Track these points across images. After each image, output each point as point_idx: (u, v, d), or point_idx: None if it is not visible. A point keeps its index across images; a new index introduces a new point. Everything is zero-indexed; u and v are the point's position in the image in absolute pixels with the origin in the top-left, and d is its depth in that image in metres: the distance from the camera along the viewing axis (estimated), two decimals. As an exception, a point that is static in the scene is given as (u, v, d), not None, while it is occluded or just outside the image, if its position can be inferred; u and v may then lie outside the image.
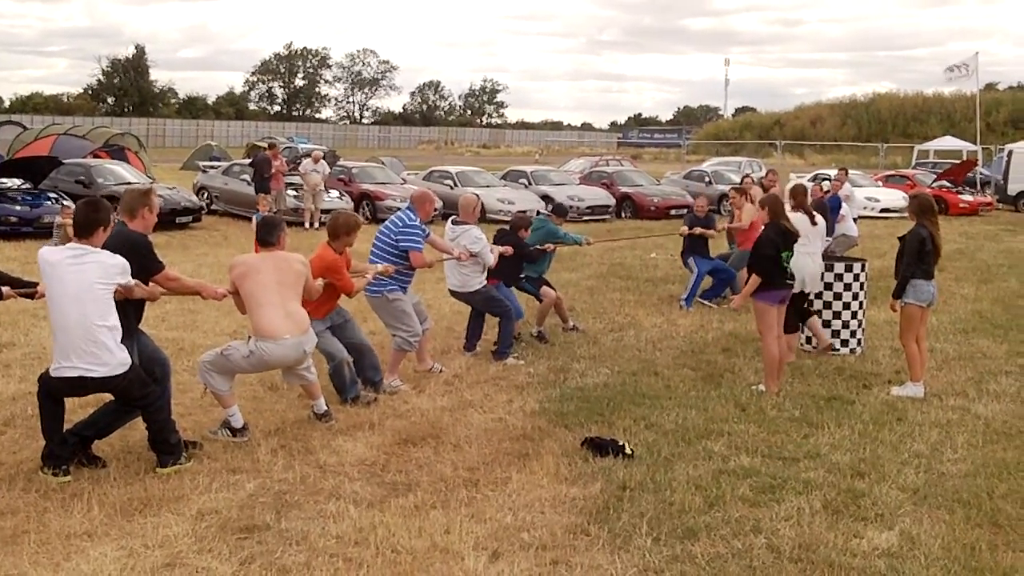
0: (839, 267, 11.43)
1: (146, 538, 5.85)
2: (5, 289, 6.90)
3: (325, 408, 8.31)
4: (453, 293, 10.80)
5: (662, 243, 20.80)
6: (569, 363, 10.53)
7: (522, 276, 11.75)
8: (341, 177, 27.54)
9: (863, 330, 11.47)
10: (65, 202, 20.70)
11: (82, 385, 6.72)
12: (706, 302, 14.25)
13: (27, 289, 6.95)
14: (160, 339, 10.67)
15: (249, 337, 7.86)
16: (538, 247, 11.74)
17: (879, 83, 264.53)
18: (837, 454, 7.63)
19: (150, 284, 7.16)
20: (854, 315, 11.29)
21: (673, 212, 28.96)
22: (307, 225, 23.72)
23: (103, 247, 6.79)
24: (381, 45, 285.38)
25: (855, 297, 11.31)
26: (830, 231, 16.77)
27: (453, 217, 10.72)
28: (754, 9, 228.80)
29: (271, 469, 7.09)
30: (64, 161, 23.79)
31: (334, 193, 25.75)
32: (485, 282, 10.57)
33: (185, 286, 7.63)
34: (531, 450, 7.61)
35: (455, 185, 28.43)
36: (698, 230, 14.31)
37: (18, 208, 20.59)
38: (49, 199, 21.20)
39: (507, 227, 11.53)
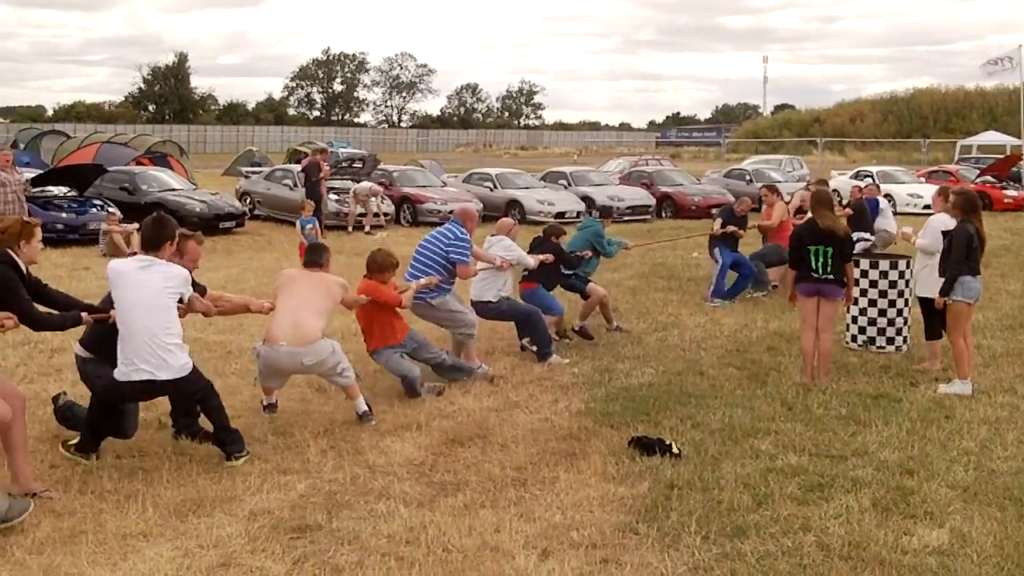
0: (884, 264, 11.37)
1: (200, 538, 5.94)
2: (84, 315, 7.09)
3: (365, 408, 8.44)
4: (472, 303, 10.76)
5: (703, 243, 20.72)
6: (614, 363, 10.55)
7: (571, 274, 11.88)
8: (382, 181, 27.63)
9: (909, 327, 11.39)
10: (110, 209, 20.96)
11: (149, 389, 7.03)
12: (726, 301, 14.33)
13: (102, 314, 7.16)
14: (208, 342, 10.88)
15: (264, 340, 8.32)
16: (577, 254, 11.91)
17: (919, 78, 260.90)
18: (885, 452, 7.59)
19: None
20: (899, 312, 11.22)
21: (714, 211, 28.80)
22: (350, 229, 23.87)
23: None
24: (418, 49, 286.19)
25: (900, 295, 11.24)
26: (870, 230, 16.85)
27: (491, 236, 11.08)
28: (791, 6, 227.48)
29: (321, 470, 7.17)
30: (108, 168, 24.07)
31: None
32: (501, 295, 10.67)
33: (233, 304, 8.19)
34: (578, 449, 7.64)
35: (495, 187, 28.49)
36: (730, 228, 14.54)
37: (64, 215, 20.87)
38: (95, 206, 21.46)
39: (541, 236, 11.73)
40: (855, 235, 16.47)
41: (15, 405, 6.48)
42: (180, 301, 7.10)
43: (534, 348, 10.83)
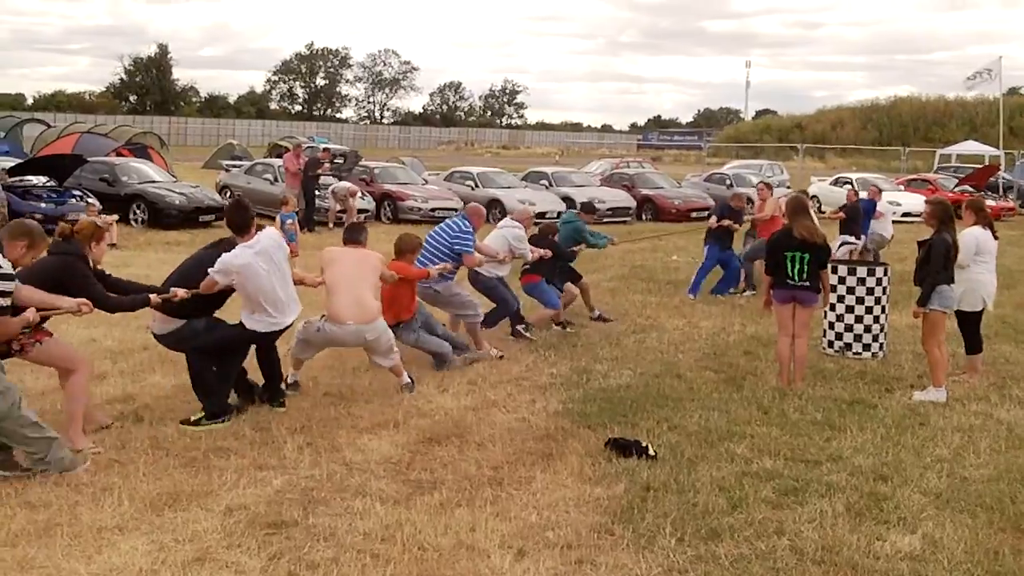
0: (861, 271, 11.45)
1: (176, 532, 5.94)
2: (152, 296, 7.77)
3: (408, 380, 9.30)
4: (469, 273, 11.59)
5: (683, 245, 20.84)
6: (591, 364, 10.58)
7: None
8: (363, 177, 27.61)
9: (885, 334, 11.48)
10: (90, 200, 20.87)
11: (282, 331, 8.35)
12: (718, 295, 15.04)
13: (167, 295, 7.84)
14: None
15: (322, 316, 9.06)
16: (572, 249, 12.71)
17: (900, 86, 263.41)
18: (860, 457, 7.65)
19: None
20: (876, 319, 11.30)
21: (694, 215, 29.02)
22: (331, 225, 23.79)
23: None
24: (402, 45, 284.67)
25: (877, 301, 11.32)
26: (865, 232, 17.16)
27: (508, 217, 12.29)
28: (774, 12, 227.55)
29: (298, 466, 7.17)
30: (88, 159, 23.93)
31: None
32: (496, 274, 11.54)
33: (295, 276, 8.83)
34: (555, 450, 7.66)
35: (476, 186, 28.52)
36: (726, 221, 15.12)
37: (43, 205, 20.70)
38: (74, 196, 21.35)
39: (538, 233, 12.51)
40: (840, 238, 16.89)
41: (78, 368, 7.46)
42: None
43: (527, 334, 11.73)
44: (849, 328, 11.31)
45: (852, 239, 17.18)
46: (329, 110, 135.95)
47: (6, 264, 6.62)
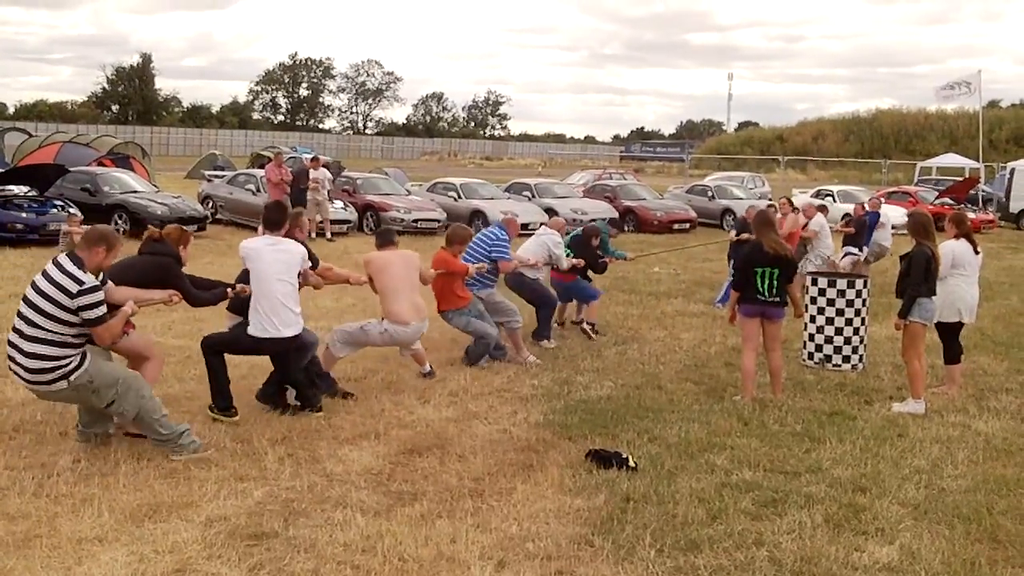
0: (841, 283, 11.51)
1: (156, 544, 5.92)
2: (228, 291, 8.43)
3: (429, 368, 10.31)
4: (507, 280, 12.18)
5: (665, 257, 20.90)
6: (573, 376, 10.61)
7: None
8: (346, 188, 27.60)
9: (865, 346, 11.54)
10: (71, 210, 20.76)
11: (280, 344, 8.54)
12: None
13: (240, 291, 8.48)
14: (167, 346, 10.81)
15: (382, 319, 9.77)
16: (604, 260, 13.45)
17: (881, 99, 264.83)
18: (838, 469, 7.69)
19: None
20: (856, 331, 11.36)
21: (676, 226, 29.09)
22: (313, 235, 23.69)
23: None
24: (385, 56, 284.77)
25: (857, 313, 11.37)
26: (867, 244, 17.44)
27: (545, 226, 13.11)
28: (756, 25, 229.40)
29: (278, 477, 7.17)
30: (70, 169, 23.83)
31: (338, 203, 25.79)
32: (537, 275, 12.32)
33: (338, 275, 9.74)
34: (536, 461, 7.68)
35: (459, 197, 28.47)
36: (744, 235, 15.10)
37: (24, 215, 20.65)
38: (55, 207, 21.24)
39: (581, 236, 13.39)
40: (844, 249, 17.18)
41: (154, 356, 8.20)
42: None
43: (587, 327, 12.84)
44: (829, 340, 11.36)
45: (855, 251, 17.42)
46: (312, 120, 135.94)
47: (88, 278, 6.94)
